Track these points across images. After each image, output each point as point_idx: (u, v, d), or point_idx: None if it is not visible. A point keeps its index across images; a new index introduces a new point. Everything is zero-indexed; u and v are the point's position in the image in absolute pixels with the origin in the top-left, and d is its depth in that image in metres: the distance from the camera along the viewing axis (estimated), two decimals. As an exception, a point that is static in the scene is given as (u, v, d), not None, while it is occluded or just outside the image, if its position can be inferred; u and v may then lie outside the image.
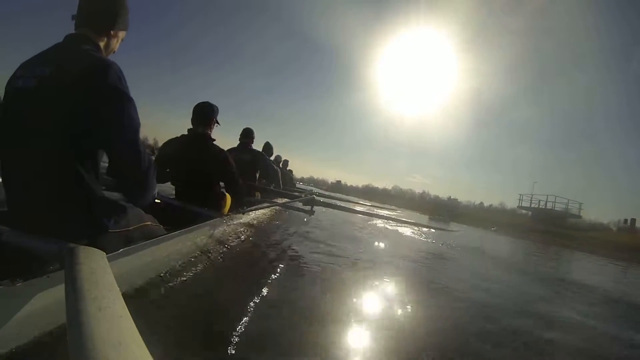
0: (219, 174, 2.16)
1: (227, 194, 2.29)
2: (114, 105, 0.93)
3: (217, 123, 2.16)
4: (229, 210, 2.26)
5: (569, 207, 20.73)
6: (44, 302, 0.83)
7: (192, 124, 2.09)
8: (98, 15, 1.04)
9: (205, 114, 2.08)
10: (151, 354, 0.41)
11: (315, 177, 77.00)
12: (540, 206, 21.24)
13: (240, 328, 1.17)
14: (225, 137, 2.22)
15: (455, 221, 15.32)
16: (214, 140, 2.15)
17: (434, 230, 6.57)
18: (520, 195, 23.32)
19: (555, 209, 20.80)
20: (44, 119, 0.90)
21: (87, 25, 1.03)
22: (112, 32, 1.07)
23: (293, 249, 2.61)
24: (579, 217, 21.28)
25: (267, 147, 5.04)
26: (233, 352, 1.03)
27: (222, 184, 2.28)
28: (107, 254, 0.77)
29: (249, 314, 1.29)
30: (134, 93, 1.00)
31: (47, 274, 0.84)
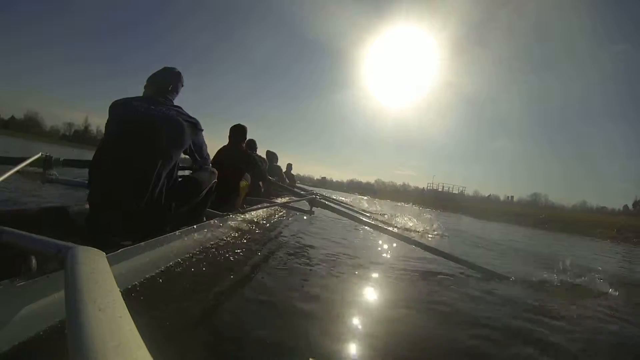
0: (252, 173, 3.10)
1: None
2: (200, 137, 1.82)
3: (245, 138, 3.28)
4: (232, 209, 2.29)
5: (453, 189, 39.80)
6: (44, 302, 0.83)
7: (230, 139, 3.15)
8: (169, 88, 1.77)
9: (243, 132, 3.22)
10: (151, 354, 0.41)
11: (301, 174, 78.43)
12: (434, 188, 40.49)
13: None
14: (220, 140, 2.34)
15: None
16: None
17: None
18: (428, 183, 44.13)
19: (445, 190, 39.00)
20: (155, 142, 1.53)
21: (159, 92, 1.72)
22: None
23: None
24: (463, 194, 39.85)
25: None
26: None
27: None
28: (107, 254, 0.77)
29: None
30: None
31: (47, 274, 0.84)
